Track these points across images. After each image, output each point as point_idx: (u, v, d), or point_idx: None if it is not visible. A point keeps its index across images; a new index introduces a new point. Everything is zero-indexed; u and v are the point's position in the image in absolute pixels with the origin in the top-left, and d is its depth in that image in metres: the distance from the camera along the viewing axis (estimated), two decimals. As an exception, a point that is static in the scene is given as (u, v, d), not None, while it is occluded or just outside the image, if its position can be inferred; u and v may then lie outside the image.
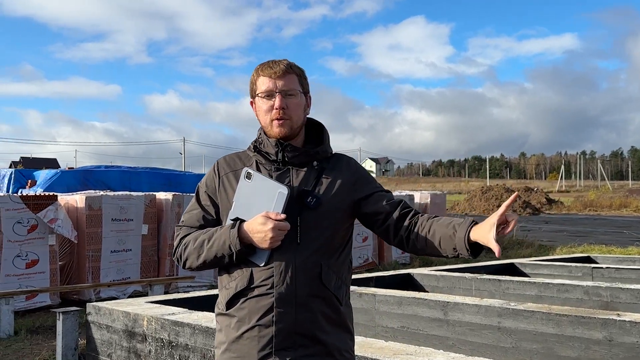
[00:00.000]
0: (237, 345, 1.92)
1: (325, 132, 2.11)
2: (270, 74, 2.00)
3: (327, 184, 1.99)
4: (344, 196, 2.01)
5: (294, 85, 2.01)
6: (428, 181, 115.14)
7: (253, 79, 2.06)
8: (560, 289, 6.57)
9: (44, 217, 8.68)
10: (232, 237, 1.87)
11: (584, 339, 4.40)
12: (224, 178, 2.04)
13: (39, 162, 52.48)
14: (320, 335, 1.92)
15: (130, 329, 4.86)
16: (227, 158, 2.11)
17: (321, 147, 2.06)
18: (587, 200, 44.37)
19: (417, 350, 3.33)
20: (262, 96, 2.01)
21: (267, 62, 2.04)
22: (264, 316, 1.88)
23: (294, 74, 2.03)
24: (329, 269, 1.95)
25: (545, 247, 16.53)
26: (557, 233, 22.26)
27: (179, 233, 2.06)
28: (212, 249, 1.92)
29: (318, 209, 1.93)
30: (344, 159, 2.11)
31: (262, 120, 2.04)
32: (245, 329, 1.90)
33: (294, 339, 1.90)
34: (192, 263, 1.98)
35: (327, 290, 1.94)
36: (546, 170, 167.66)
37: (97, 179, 15.80)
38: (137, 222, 10.19)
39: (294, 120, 2.01)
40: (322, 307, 1.93)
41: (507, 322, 4.83)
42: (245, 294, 1.91)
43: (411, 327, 5.44)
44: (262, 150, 2.03)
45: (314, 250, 1.93)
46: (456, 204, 39.13)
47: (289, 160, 2.00)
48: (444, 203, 16.21)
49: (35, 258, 8.68)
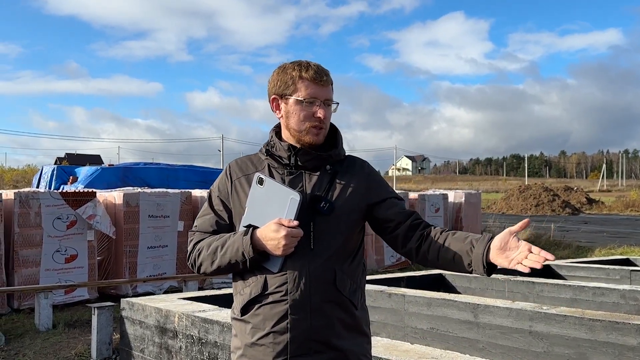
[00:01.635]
0: (253, 351, 1.93)
1: (339, 135, 2.08)
2: (317, 81, 1.97)
3: (340, 188, 1.98)
4: (357, 200, 1.99)
5: (332, 96, 2.02)
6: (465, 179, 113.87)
7: (290, 78, 1.98)
8: (596, 293, 6.43)
9: (83, 214, 8.89)
10: (245, 244, 1.87)
11: (618, 345, 4.30)
12: (237, 182, 2.03)
13: (83, 159, 53.64)
14: (336, 341, 1.92)
15: (162, 325, 4.95)
16: (239, 161, 2.10)
17: (334, 150, 2.03)
18: (629, 200, 43.24)
19: (443, 354, 3.31)
20: (305, 101, 1.96)
21: (307, 65, 1.99)
22: (278, 323, 1.88)
23: (331, 84, 2.02)
24: (343, 274, 1.94)
25: (584, 248, 16.19)
26: (596, 234, 21.78)
27: (192, 238, 2.07)
28: (225, 255, 1.92)
29: (331, 215, 1.92)
30: (358, 162, 2.09)
31: (294, 124, 1.99)
32: (260, 335, 1.90)
33: (310, 345, 1.89)
34: (206, 269, 1.99)
35: (341, 295, 1.93)
36: (587, 169, 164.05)
37: (135, 176, 16.13)
38: (173, 218, 10.37)
39: (326, 130, 2.02)
40: (337, 313, 1.92)
41: (538, 326, 4.75)
42: (260, 301, 1.91)
43: (441, 328, 5.40)
44: (274, 154, 2.01)
45: (328, 257, 1.92)
46: (493, 203, 38.60)
47: (301, 164, 1.99)
48: (479, 202, 16.01)
49: (74, 253, 8.90)
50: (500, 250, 1.79)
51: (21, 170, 37.84)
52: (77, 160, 48.52)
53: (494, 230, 17.17)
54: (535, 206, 35.74)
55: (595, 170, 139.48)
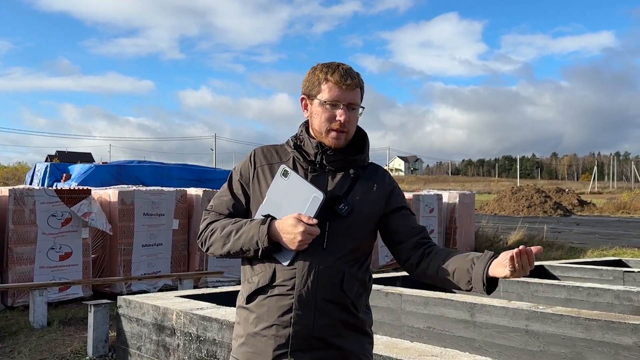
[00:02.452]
0: (254, 340, 1.95)
1: (367, 142, 2.09)
2: (340, 83, 1.96)
3: (360, 193, 1.99)
4: (375, 208, 2.01)
5: (358, 99, 2.01)
6: (457, 180, 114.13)
7: (316, 79, 2.00)
8: (590, 293, 6.48)
9: (78, 211, 8.87)
10: (261, 233, 1.88)
11: (614, 345, 4.34)
12: (259, 170, 2.03)
13: (74, 156, 53.35)
14: (337, 340, 1.94)
15: (159, 322, 4.95)
16: (264, 149, 2.10)
17: (360, 155, 2.04)
18: (620, 202, 43.49)
19: (443, 352, 3.33)
20: (328, 104, 1.97)
21: (336, 67, 1.99)
22: (282, 316, 1.90)
23: (359, 87, 2.01)
24: (351, 277, 1.96)
25: (576, 249, 16.29)
26: (588, 235, 21.90)
27: (207, 218, 2.07)
28: (238, 240, 1.92)
29: (348, 218, 1.93)
30: (380, 171, 2.11)
31: (317, 125, 2.00)
32: (264, 326, 1.92)
33: (310, 342, 1.91)
34: (215, 250, 2.00)
35: (347, 297, 1.94)
36: (578, 171, 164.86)
37: (129, 174, 16.08)
38: (168, 217, 10.35)
39: (350, 133, 2.01)
40: (340, 314, 1.94)
41: (535, 325, 4.79)
42: (266, 292, 1.93)
43: (437, 327, 5.43)
44: (302, 148, 2.02)
45: (338, 258, 1.93)
46: (485, 204, 38.74)
47: (326, 164, 1.99)
48: (473, 203, 16.07)
49: (69, 251, 8.87)
50: (501, 264, 1.79)
51: (12, 167, 37.62)
52: (68, 158, 48.25)
53: (487, 231, 17.24)
54: (527, 207, 35.88)
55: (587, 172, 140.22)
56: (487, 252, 1.88)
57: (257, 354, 1.95)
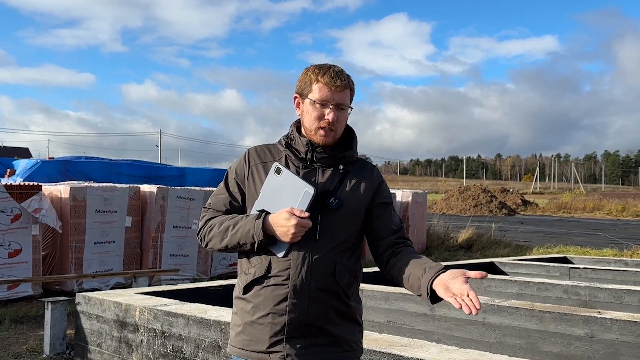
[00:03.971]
0: (251, 328, 2.04)
1: (355, 138, 2.19)
2: (330, 85, 2.06)
3: (350, 187, 2.09)
4: (364, 201, 2.12)
5: (347, 100, 2.10)
6: (405, 180, 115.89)
7: (308, 79, 2.10)
8: (540, 288, 6.75)
9: (28, 207, 8.63)
10: (256, 227, 1.98)
11: (566, 335, 4.56)
12: (254, 168, 2.13)
13: (10, 151, 51.19)
14: (329, 327, 2.03)
15: (121, 319, 4.90)
16: (257, 149, 2.20)
17: (349, 151, 2.15)
18: (562, 202, 45.06)
19: (411, 342, 3.44)
20: (317, 103, 2.07)
21: (328, 69, 2.09)
22: (278, 304, 1.99)
23: (348, 89, 2.11)
24: (342, 267, 2.06)
25: (522, 247, 16.82)
26: (532, 234, 22.64)
27: (205, 215, 2.16)
28: (235, 235, 2.02)
29: (339, 211, 2.03)
30: (369, 166, 2.22)
31: (307, 124, 2.11)
32: (260, 315, 2.01)
33: (305, 329, 2.01)
34: (214, 245, 2.09)
35: (338, 286, 2.04)
36: (521, 172, 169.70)
37: (77, 170, 15.67)
38: (121, 214, 10.18)
39: (338, 132, 2.11)
40: (332, 302, 2.04)
41: (491, 317, 4.97)
42: (262, 282, 2.02)
43: (397, 321, 5.56)
44: (293, 147, 2.12)
45: (330, 249, 2.03)
46: (433, 203, 39.48)
47: (317, 160, 2.10)
48: (425, 202, 16.39)
49: (18, 248, 8.63)
50: (446, 281, 1.87)
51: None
52: (4, 153, 46.36)
53: (437, 229, 17.61)
54: (474, 207, 36.76)
55: (529, 173, 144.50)
56: (439, 264, 1.98)
57: (254, 341, 2.03)
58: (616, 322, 4.33)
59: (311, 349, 2.01)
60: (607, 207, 41.22)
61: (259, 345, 2.02)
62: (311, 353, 2.01)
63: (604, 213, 39.75)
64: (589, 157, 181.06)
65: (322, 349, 2.03)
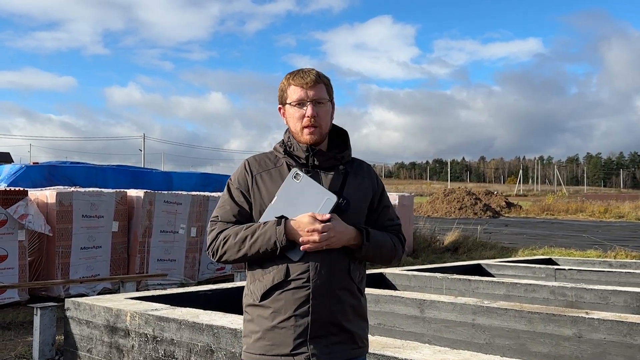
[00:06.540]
0: (273, 333, 2.06)
1: (348, 138, 2.26)
2: (301, 84, 2.13)
3: (353, 187, 2.16)
4: (367, 199, 2.20)
5: (323, 94, 2.16)
6: (391, 183, 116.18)
7: (283, 87, 2.19)
8: (527, 289, 6.82)
9: (14, 213, 8.57)
10: (278, 233, 2.01)
11: (555, 336, 4.62)
12: (257, 177, 2.17)
13: (-10, 156, 50.48)
14: (347, 324, 2.09)
15: (112, 324, 4.88)
16: (257, 158, 2.24)
17: (346, 151, 2.22)
18: (545, 204, 45.50)
19: (404, 344, 3.48)
20: (294, 104, 2.14)
21: (297, 72, 2.17)
22: (300, 307, 2.03)
23: (322, 83, 2.17)
24: (354, 264, 2.13)
25: (508, 249, 16.97)
26: (517, 236, 22.83)
27: (215, 228, 2.17)
28: (255, 243, 2.05)
29: (347, 210, 2.09)
30: (365, 165, 2.29)
31: (292, 127, 2.17)
32: (282, 319, 2.04)
33: (327, 328, 2.06)
34: (229, 256, 2.11)
35: (353, 283, 2.12)
36: (505, 174, 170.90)
37: (62, 175, 15.55)
38: (108, 218, 10.14)
39: (323, 128, 2.16)
40: (349, 299, 2.10)
41: (481, 319, 5.02)
42: (282, 287, 2.05)
43: (387, 324, 5.60)
44: (292, 153, 2.17)
45: (343, 248, 2.08)
46: (419, 205, 39.67)
47: (318, 164, 2.15)
48: (412, 205, 16.48)
49: (4, 254, 8.56)
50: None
51: None
52: (-16, 158, 45.76)
53: (424, 232, 17.71)
54: (459, 209, 36.99)
55: (512, 175, 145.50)
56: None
57: (277, 345, 2.06)
58: (603, 322, 4.40)
59: (334, 347, 2.06)
60: (589, 208, 41.68)
61: (282, 349, 2.04)
62: (334, 351, 2.06)
63: (587, 215, 40.20)
64: (571, 160, 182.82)
65: (342, 347, 2.08)
